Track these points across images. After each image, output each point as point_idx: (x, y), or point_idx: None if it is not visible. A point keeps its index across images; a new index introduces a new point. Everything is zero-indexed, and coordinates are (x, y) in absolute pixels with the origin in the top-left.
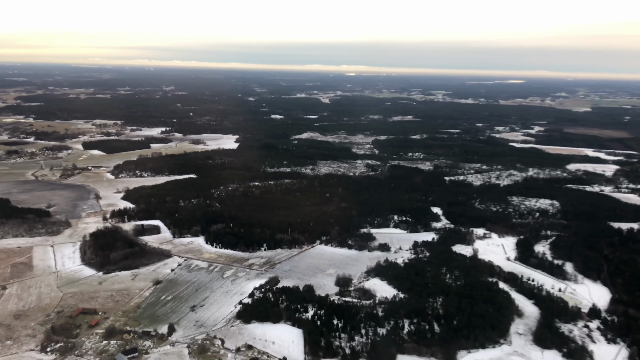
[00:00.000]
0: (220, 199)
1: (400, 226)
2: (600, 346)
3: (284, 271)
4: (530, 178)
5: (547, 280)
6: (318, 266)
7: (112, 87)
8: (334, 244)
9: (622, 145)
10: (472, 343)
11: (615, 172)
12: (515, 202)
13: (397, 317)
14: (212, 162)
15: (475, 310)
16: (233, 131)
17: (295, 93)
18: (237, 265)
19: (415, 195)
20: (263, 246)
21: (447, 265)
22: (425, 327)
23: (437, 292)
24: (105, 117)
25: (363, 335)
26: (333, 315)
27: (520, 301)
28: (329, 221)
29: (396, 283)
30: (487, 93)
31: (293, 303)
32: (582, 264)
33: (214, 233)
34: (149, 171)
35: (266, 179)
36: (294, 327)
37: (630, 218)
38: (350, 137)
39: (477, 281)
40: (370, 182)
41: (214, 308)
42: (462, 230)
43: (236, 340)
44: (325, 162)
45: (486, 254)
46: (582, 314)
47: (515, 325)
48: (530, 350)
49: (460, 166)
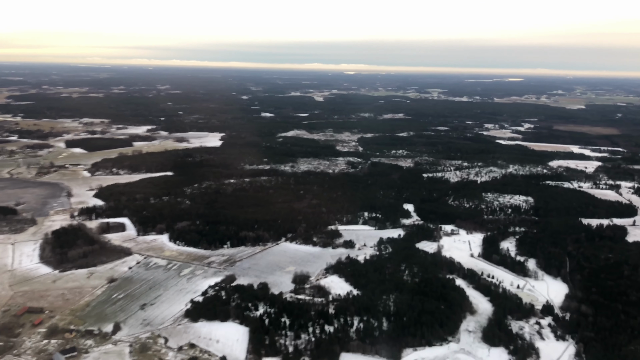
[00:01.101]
0: (192, 197)
1: (369, 223)
2: (548, 343)
3: (243, 269)
4: (509, 175)
5: (507, 277)
6: (278, 264)
7: (106, 86)
8: (298, 241)
9: (609, 142)
10: (419, 340)
11: (597, 168)
12: (489, 199)
13: (347, 315)
14: (191, 160)
15: (425, 307)
16: (219, 129)
17: (290, 91)
18: (197, 263)
19: (390, 192)
20: (226, 244)
21: (408, 261)
22: (374, 325)
23: (392, 289)
24: (94, 115)
25: (310, 334)
26: (283, 313)
27: (476, 298)
28: (297, 218)
29: (353, 280)
30: (483, 91)
31: (244, 301)
32: (544, 260)
33: (177, 231)
34: (126, 169)
35: (243, 177)
36: (241, 325)
37: (602, 214)
38: (336, 135)
39: (434, 278)
40: (347, 179)
41: (164, 306)
42: (430, 227)
43: (180, 338)
44: (306, 160)
45: (451, 250)
46: (535, 311)
47: (467, 322)
48: (478, 348)
49: (441, 163)
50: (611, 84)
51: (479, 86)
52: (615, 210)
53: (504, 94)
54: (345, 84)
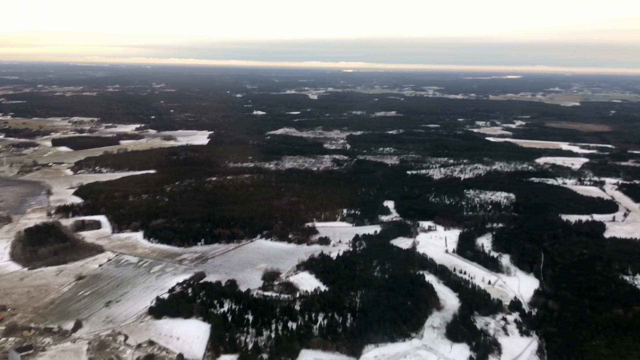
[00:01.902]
0: (171, 194)
1: (347, 220)
2: (512, 339)
3: (214, 266)
4: (494, 172)
5: (480, 273)
6: (250, 261)
7: (101, 85)
8: (273, 238)
9: (599, 139)
10: (382, 337)
11: (583, 165)
12: (470, 195)
13: (313, 311)
14: (175, 158)
15: (391, 304)
16: (209, 127)
17: (286, 90)
18: (168, 260)
19: (371, 190)
20: (200, 241)
21: (380, 258)
22: (338, 321)
23: (360, 285)
24: (84, 114)
25: (272, 330)
26: (248, 310)
27: (445, 294)
28: (274, 215)
29: (323, 276)
30: (479, 88)
31: (210, 298)
32: (518, 256)
33: (152, 228)
34: (109, 167)
35: (225, 174)
36: (204, 322)
37: (582, 210)
38: (325, 133)
39: (404, 274)
40: (330, 177)
41: (129, 304)
42: (407, 224)
43: (141, 336)
44: (292, 158)
45: (426, 246)
46: (502, 307)
47: (432, 318)
48: (440, 344)
49: (427, 160)
50: (609, 81)
51: (475, 84)
52: (596, 207)
53: (499, 91)
54: (342, 82)
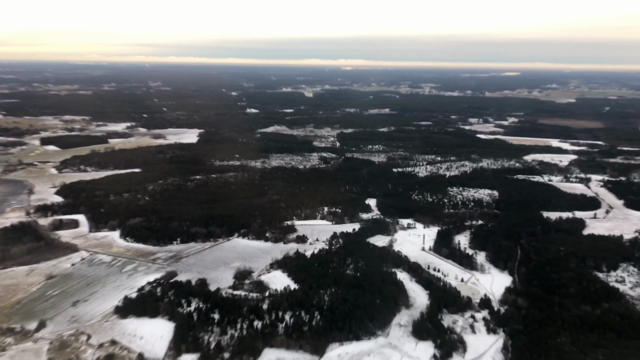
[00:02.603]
0: (152, 193)
1: (327, 218)
2: (478, 337)
3: (188, 265)
4: (480, 169)
5: (454, 270)
6: (224, 259)
7: (98, 83)
8: (251, 236)
9: (590, 136)
10: (347, 335)
11: (571, 162)
12: (453, 193)
13: (280, 310)
14: (162, 157)
15: (359, 302)
16: (200, 125)
17: (282, 87)
18: (142, 259)
19: (354, 187)
20: (176, 240)
21: (354, 256)
22: (304, 320)
23: (330, 283)
24: (76, 113)
25: (237, 329)
26: (215, 309)
27: (415, 292)
28: (254, 214)
29: (294, 275)
30: (476, 86)
31: (179, 297)
32: (494, 253)
33: (129, 227)
34: (94, 166)
35: (210, 172)
36: (169, 321)
37: (564, 207)
38: (316, 131)
39: (376, 272)
40: (315, 175)
41: (97, 303)
42: (386, 221)
43: (104, 335)
44: (279, 155)
45: (403, 244)
46: (472, 305)
47: (400, 316)
48: (405, 342)
49: (414, 158)
50: (607, 78)
51: (473, 81)
52: (579, 204)
53: (496, 88)
54: (339, 80)
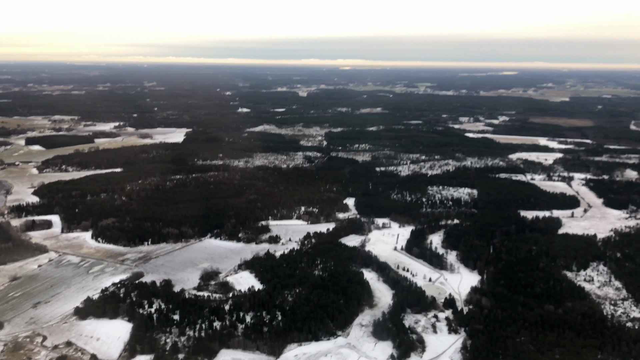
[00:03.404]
0: (130, 193)
1: (303, 218)
2: (439, 337)
3: (156, 266)
4: (463, 168)
5: (423, 270)
6: (193, 260)
7: (93, 83)
8: (223, 237)
9: (579, 134)
10: (306, 335)
11: (556, 160)
12: (432, 192)
13: (242, 310)
14: (145, 156)
15: (321, 302)
16: (189, 125)
17: (277, 87)
18: (111, 260)
19: (334, 187)
20: (147, 240)
21: (325, 255)
22: (265, 320)
23: (295, 283)
24: (66, 113)
25: (196, 330)
26: (176, 310)
27: (381, 291)
28: (229, 214)
29: (261, 276)
30: (472, 85)
31: (141, 298)
32: (465, 253)
33: (102, 227)
34: (75, 166)
35: (192, 172)
36: (128, 323)
37: (543, 206)
38: (304, 130)
39: (343, 272)
40: (296, 174)
41: (58, 304)
42: (362, 221)
43: (61, 337)
44: (263, 155)
45: (376, 243)
46: (437, 304)
47: (363, 316)
48: (365, 342)
49: (399, 157)
50: (604, 77)
51: (469, 80)
52: (557, 202)
53: (491, 87)
54: (335, 79)
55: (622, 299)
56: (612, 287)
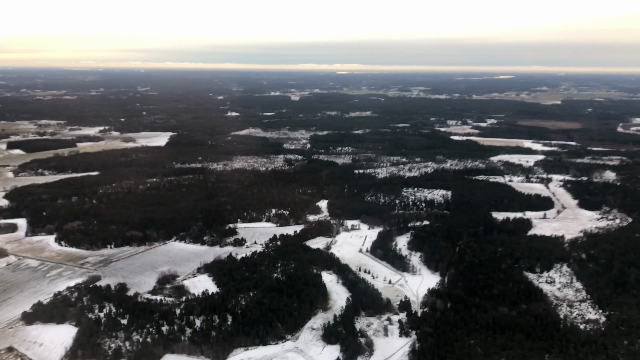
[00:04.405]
0: (101, 196)
1: (273, 220)
2: (389, 340)
3: (115, 269)
4: (442, 170)
5: (385, 272)
6: (154, 264)
7: (86, 88)
8: (188, 240)
9: (564, 137)
10: (253, 340)
11: (537, 162)
12: (406, 194)
13: (193, 314)
14: (124, 160)
15: (274, 305)
16: (174, 129)
17: (270, 91)
18: (71, 264)
19: (309, 189)
20: (111, 244)
21: (286, 258)
22: (215, 324)
23: (250, 287)
24: (53, 117)
25: (143, 335)
26: (126, 314)
27: (339, 294)
28: (196, 217)
29: (218, 279)
30: (465, 88)
31: (93, 302)
32: (429, 254)
33: (66, 231)
34: (52, 169)
35: (168, 175)
36: (75, 327)
37: (516, 207)
38: (290, 133)
39: (302, 274)
40: (273, 177)
41: (7, 309)
42: (331, 223)
43: (4, 342)
44: (244, 158)
45: (342, 245)
46: (392, 307)
47: (315, 319)
48: (313, 346)
49: (380, 159)
50: (600, 80)
51: (464, 84)
52: (531, 204)
53: (485, 91)
54: (330, 84)
55: (580, 301)
56: (573, 288)
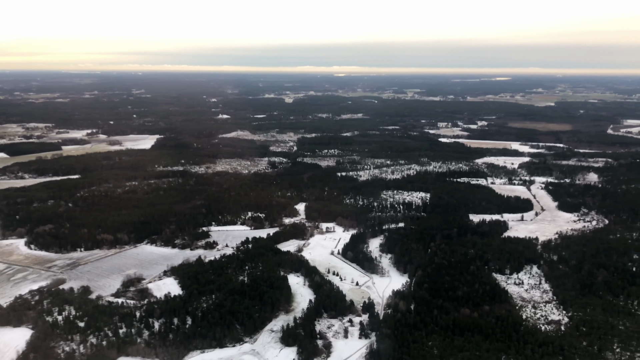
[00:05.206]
0: (77, 199)
1: (247, 223)
2: (348, 342)
3: (82, 272)
4: (424, 172)
5: (354, 274)
6: (122, 267)
7: (80, 91)
8: (159, 243)
9: (553, 138)
10: (210, 342)
11: (522, 164)
12: (385, 196)
13: (154, 317)
14: (106, 163)
15: (234, 308)
16: (162, 132)
17: (265, 94)
18: (38, 267)
19: (289, 192)
20: (81, 247)
21: (255, 261)
22: (173, 327)
23: (214, 289)
24: (42, 120)
25: (100, 337)
26: (85, 317)
27: (304, 296)
28: (170, 220)
29: (184, 282)
30: (460, 90)
31: (54, 305)
32: (399, 256)
33: (36, 234)
34: (32, 173)
35: (148, 178)
36: (32, 330)
37: (493, 210)
38: (277, 135)
39: (268, 277)
40: (253, 180)
41: None
42: (306, 225)
43: None
44: (227, 160)
45: (315, 248)
46: (355, 309)
47: (276, 321)
48: (270, 349)
49: (364, 162)
50: (596, 82)
51: (460, 86)
52: (510, 206)
53: (480, 92)
54: (326, 86)
55: (545, 302)
56: (540, 290)
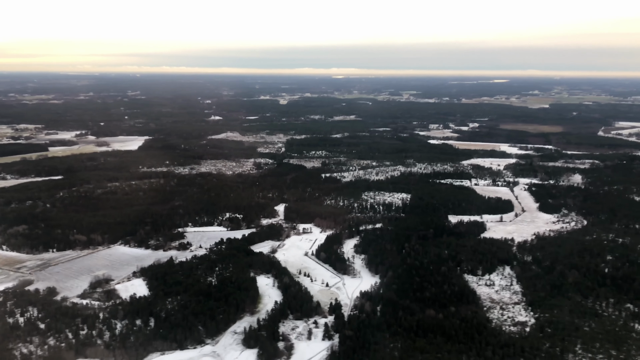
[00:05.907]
0: (55, 200)
1: (224, 224)
2: (311, 343)
3: (51, 273)
4: (409, 173)
5: (325, 275)
6: (91, 268)
7: (75, 93)
8: (132, 244)
9: (542, 140)
10: (170, 344)
11: (507, 165)
12: (366, 197)
13: (117, 318)
14: (90, 164)
15: (198, 309)
16: (151, 133)
17: (260, 95)
18: (7, 268)
19: (269, 193)
20: (53, 248)
21: (226, 262)
22: (135, 328)
23: (180, 291)
24: (32, 121)
25: (60, 339)
26: (46, 318)
27: (271, 297)
28: (145, 220)
29: (152, 283)
30: (456, 92)
31: (17, 307)
32: (372, 257)
33: (9, 235)
34: (14, 174)
35: (130, 179)
36: None
37: (473, 211)
38: (267, 137)
39: (236, 278)
40: (236, 181)
41: None
42: (283, 226)
43: None
44: (212, 162)
45: (289, 249)
46: (321, 310)
47: (240, 323)
48: (231, 351)
49: (350, 163)
50: (593, 84)
51: (456, 88)
52: (490, 207)
53: (476, 94)
54: (323, 88)
55: (514, 303)
56: (511, 291)
